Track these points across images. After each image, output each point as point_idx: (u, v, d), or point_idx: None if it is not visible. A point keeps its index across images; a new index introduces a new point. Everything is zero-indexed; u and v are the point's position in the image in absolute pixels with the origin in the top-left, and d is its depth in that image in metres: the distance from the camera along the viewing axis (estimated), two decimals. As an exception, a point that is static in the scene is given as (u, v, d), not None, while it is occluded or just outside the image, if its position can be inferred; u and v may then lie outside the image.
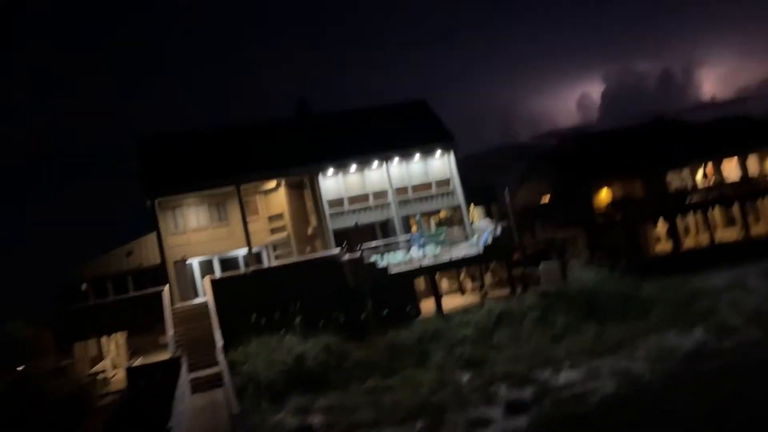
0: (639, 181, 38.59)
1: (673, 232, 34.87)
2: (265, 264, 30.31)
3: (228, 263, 30.06)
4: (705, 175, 39.52)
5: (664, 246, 37.73)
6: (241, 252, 29.46)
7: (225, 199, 30.02)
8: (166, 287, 25.50)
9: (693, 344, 19.00)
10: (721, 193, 36.60)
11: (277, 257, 30.82)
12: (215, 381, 20.19)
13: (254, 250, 28.60)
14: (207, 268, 29.87)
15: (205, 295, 25.80)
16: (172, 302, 25.57)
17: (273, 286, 24.48)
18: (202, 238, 29.88)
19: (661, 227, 38.74)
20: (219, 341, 21.95)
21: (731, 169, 40.53)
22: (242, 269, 28.69)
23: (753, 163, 40.76)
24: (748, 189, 36.92)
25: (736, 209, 37.16)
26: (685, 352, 18.50)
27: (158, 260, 28.01)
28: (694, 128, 45.03)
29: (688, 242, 37.81)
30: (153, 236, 28.47)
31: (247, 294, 24.10)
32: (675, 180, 40.24)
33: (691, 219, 39.49)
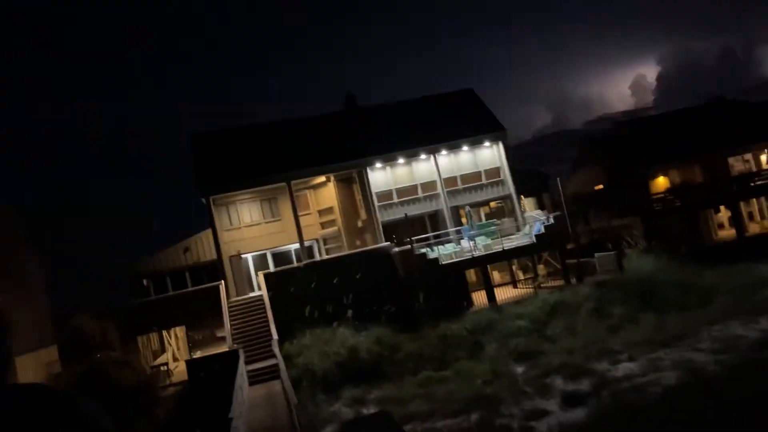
0: (698, 165, 37.12)
1: (736, 218, 33.43)
2: (317, 257, 30.72)
3: (281, 257, 30.61)
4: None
5: (726, 232, 36.26)
6: (294, 246, 29.93)
7: (276, 195, 30.55)
8: (223, 282, 26.19)
9: (759, 334, 18.20)
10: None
11: (328, 251, 31.17)
12: (272, 373, 20.64)
13: (306, 244, 29.02)
14: (261, 262, 30.49)
15: (260, 289, 26.36)
16: (228, 296, 26.24)
17: (325, 279, 24.80)
18: (256, 234, 30.51)
19: (723, 213, 37.23)
20: (274, 334, 22.44)
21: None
22: (295, 263, 29.16)
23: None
24: (817, 171, 35.03)
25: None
26: (751, 342, 17.74)
27: (214, 256, 28.79)
28: (758, 108, 42.93)
29: (753, 228, 36.19)
30: (208, 232, 29.29)
31: (301, 287, 24.51)
32: (737, 163, 38.55)
33: (755, 204, 37.77)
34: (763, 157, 38.02)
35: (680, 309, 21.85)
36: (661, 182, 37.15)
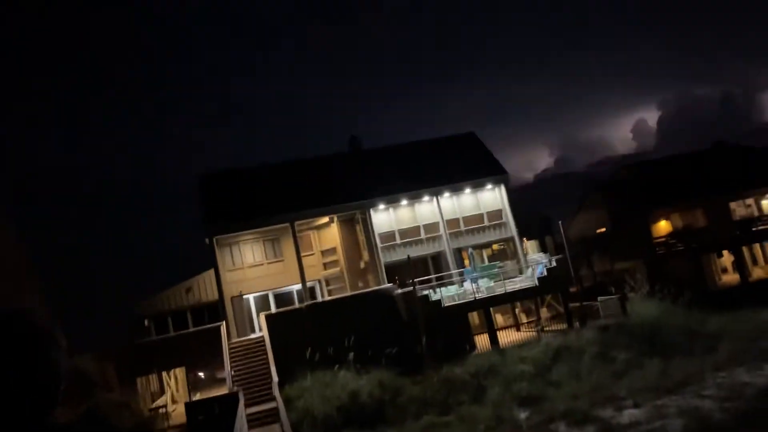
0: (700, 209, 37.25)
1: (739, 263, 33.37)
2: (319, 298, 30.65)
3: (283, 298, 30.55)
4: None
5: (730, 277, 36.11)
6: (296, 287, 29.90)
7: (279, 235, 30.70)
8: (224, 323, 26.09)
9: (765, 381, 17.97)
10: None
11: (330, 292, 31.12)
12: (272, 416, 20.39)
13: (308, 284, 29.01)
14: (263, 303, 30.43)
15: (261, 331, 26.22)
16: (229, 337, 26.10)
17: (327, 321, 24.70)
18: (258, 274, 30.54)
19: (727, 258, 37.15)
20: (275, 376, 22.23)
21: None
22: (297, 304, 29.09)
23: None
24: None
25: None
26: (757, 390, 17.51)
27: (216, 296, 28.75)
28: (759, 153, 43.33)
29: (757, 272, 36.07)
30: (211, 273, 29.31)
31: (302, 329, 24.39)
32: (739, 208, 38.67)
33: (758, 249, 37.74)
34: (764, 202, 38.17)
35: (685, 355, 21.64)
36: (664, 226, 37.24)
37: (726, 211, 37.47)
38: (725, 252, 36.18)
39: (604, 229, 40.41)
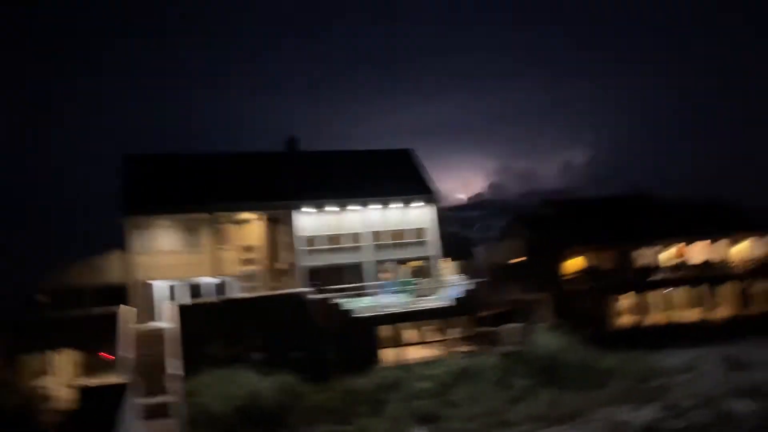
0: (608, 253, 39.37)
1: (636, 307, 35.47)
2: (232, 294, 29.97)
3: (194, 290, 29.66)
4: (673, 255, 40.53)
5: (627, 319, 38.28)
6: (208, 280, 29.12)
7: (199, 225, 29.85)
8: (126, 307, 25.03)
9: (645, 420, 19.14)
10: (686, 274, 37.51)
11: (244, 289, 30.51)
12: (165, 409, 19.72)
13: (222, 279, 28.34)
14: (172, 292, 29.42)
15: (166, 320, 25.34)
16: (131, 323, 25.08)
17: (236, 318, 24.22)
18: (171, 262, 29.51)
19: (626, 300, 39.39)
20: (174, 368, 21.54)
21: (698, 251, 41.67)
22: (207, 297, 28.36)
23: (718, 249, 41.97)
24: (711, 273, 37.92)
25: (698, 291, 38.05)
26: (637, 428, 18.61)
27: (122, 279, 27.54)
28: (670, 206, 46.32)
29: (651, 318, 38.45)
30: (120, 254, 28.06)
31: (212, 323, 23.78)
32: (644, 255, 41.12)
33: (656, 295, 40.25)
34: (662, 256, 40.84)
35: (577, 388, 22.70)
36: (574, 264, 39.07)
37: (629, 258, 39.81)
38: (625, 295, 38.35)
39: (520, 259, 41.91)
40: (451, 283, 29.35)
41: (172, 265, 29.54)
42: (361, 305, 26.28)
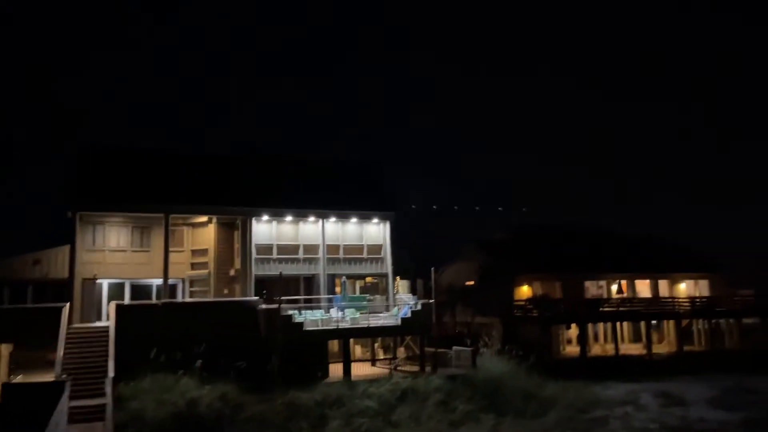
0: (559, 282, 40.18)
1: (582, 338, 36.16)
2: (179, 298, 29.35)
3: (140, 290, 28.94)
4: (620, 289, 41.63)
5: (572, 349, 39.00)
6: (157, 281, 28.44)
7: (151, 225, 29.21)
8: (68, 304, 24.21)
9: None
10: (632, 308, 38.53)
11: (192, 293, 29.92)
12: (99, 413, 19.07)
13: (170, 281, 27.70)
14: (117, 291, 28.64)
15: (108, 320, 24.60)
16: (71, 321, 24.26)
17: (181, 323, 23.66)
18: (119, 260, 28.77)
19: (573, 330, 40.15)
20: (111, 371, 20.89)
21: (644, 286, 42.94)
22: (153, 299, 27.68)
23: (665, 286, 43.35)
24: (656, 308, 39.06)
25: (642, 326, 39.12)
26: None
27: (66, 274, 26.66)
28: (619, 240, 47.64)
29: (596, 349, 39.27)
30: (66, 249, 27.18)
31: (153, 327, 23.14)
32: (592, 287, 42.13)
33: (601, 327, 41.19)
34: (613, 287, 41.91)
35: (518, 415, 22.95)
36: (525, 291, 39.69)
37: (581, 288, 40.69)
38: (573, 325, 39.11)
39: (472, 282, 42.35)
40: (402, 302, 29.39)
41: (120, 264, 28.81)
42: (312, 318, 26.06)
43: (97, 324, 25.51)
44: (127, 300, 28.08)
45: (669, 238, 49.78)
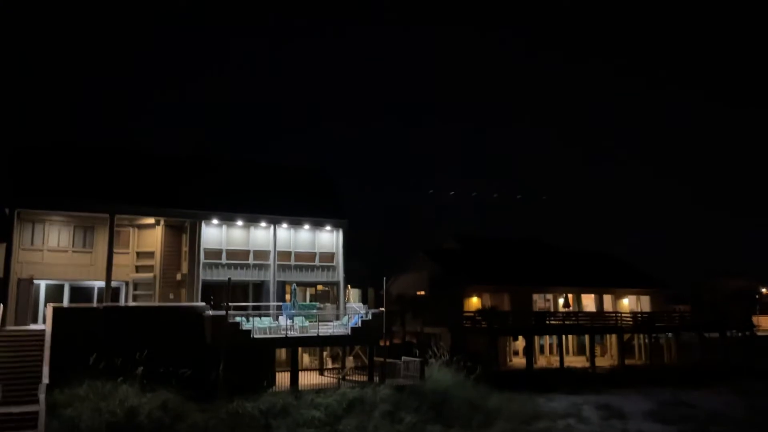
0: (507, 294, 40.79)
1: (529, 350, 36.77)
2: (122, 302, 28.36)
3: (80, 293, 27.83)
4: (566, 302, 42.57)
5: (519, 360, 39.62)
6: (99, 284, 27.41)
7: (95, 224, 28.16)
8: (1, 306, 23.06)
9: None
10: (577, 322, 39.44)
11: (136, 297, 28.95)
12: (30, 421, 18.20)
13: (113, 284, 26.71)
14: (56, 293, 27.45)
15: (45, 323, 23.51)
16: (5, 324, 23.11)
17: (123, 328, 22.84)
18: (59, 261, 27.58)
19: (520, 342, 40.80)
20: (45, 377, 19.97)
21: (590, 300, 44.08)
22: (94, 303, 26.66)
23: (609, 300, 44.60)
24: (601, 323, 40.12)
25: (586, 339, 40.10)
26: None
27: (3, 275, 25.38)
28: (563, 254, 48.77)
29: (541, 361, 40.00)
30: (2, 247, 25.87)
31: (92, 331, 22.25)
32: (540, 300, 42.95)
33: (547, 340, 42.01)
34: (560, 300, 42.80)
35: (464, 426, 23.08)
36: (474, 302, 40.10)
37: (529, 301, 41.41)
38: (520, 337, 39.74)
39: (423, 292, 42.54)
40: (352, 311, 29.20)
41: (60, 264, 27.61)
42: (260, 326, 25.58)
43: (33, 327, 24.35)
44: (65, 303, 26.95)
45: (614, 254, 51.33)
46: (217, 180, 30.62)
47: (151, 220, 28.98)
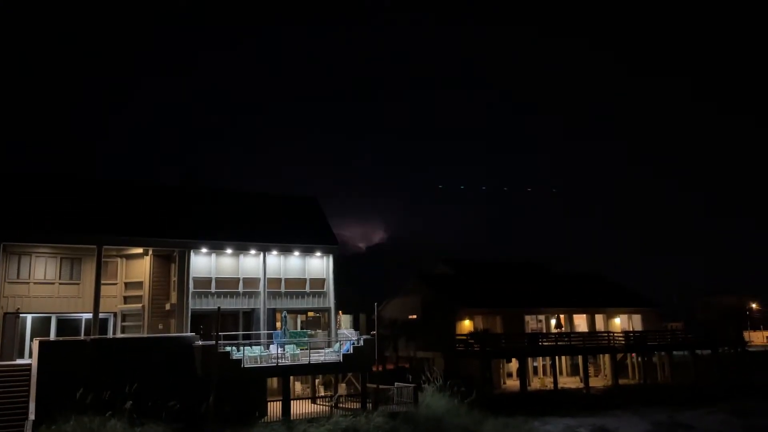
0: (499, 316, 40.67)
1: (522, 372, 36.53)
2: (110, 334, 27.96)
3: (68, 325, 27.39)
4: (559, 324, 42.49)
5: (512, 382, 39.35)
6: (86, 316, 27.01)
7: (82, 255, 27.87)
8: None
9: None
10: (570, 342, 39.31)
11: (124, 328, 28.56)
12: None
13: (101, 316, 26.35)
14: (43, 326, 27.00)
15: (31, 358, 23.09)
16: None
17: (111, 361, 22.45)
18: (46, 293, 27.21)
19: (513, 364, 40.57)
20: (32, 414, 19.57)
21: (582, 321, 44.02)
22: (82, 335, 26.26)
23: (600, 320, 44.57)
24: (593, 343, 40.01)
25: (580, 360, 39.93)
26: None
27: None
28: (554, 275, 48.84)
29: (535, 383, 39.74)
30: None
31: (80, 365, 21.83)
32: (532, 322, 42.84)
33: (540, 361, 41.79)
34: (552, 321, 42.73)
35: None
36: (467, 325, 39.92)
37: (521, 322, 41.29)
38: (513, 359, 39.53)
39: (415, 316, 42.32)
40: (344, 338, 28.94)
41: (46, 297, 27.25)
42: (251, 355, 25.25)
43: (19, 362, 23.92)
44: (52, 336, 26.52)
45: (605, 274, 51.46)
46: (206, 208, 30.52)
47: (139, 250, 28.73)
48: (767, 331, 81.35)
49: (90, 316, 25.98)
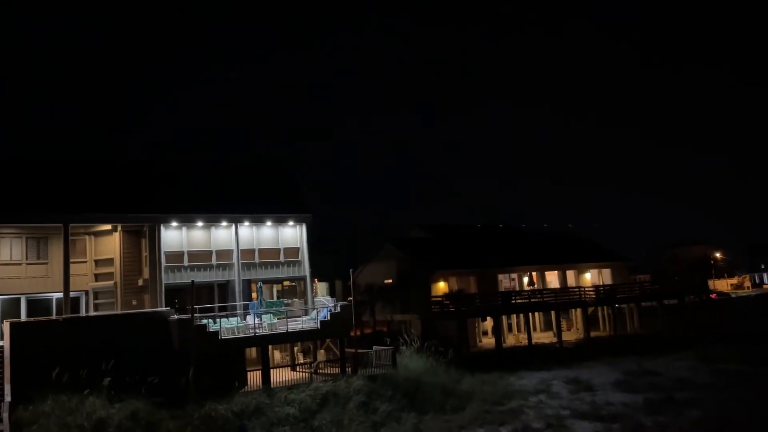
0: (473, 276, 41.29)
1: (497, 330, 37.35)
2: (83, 312, 27.63)
3: (38, 305, 26.97)
4: (531, 281, 43.35)
5: (488, 341, 40.25)
6: (57, 295, 26.61)
7: (48, 234, 27.29)
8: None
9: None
10: (542, 299, 40.20)
11: (97, 306, 28.25)
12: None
13: (72, 295, 25.98)
14: (12, 307, 26.52)
15: (2, 340, 22.74)
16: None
17: (86, 339, 22.23)
18: (12, 274, 26.67)
19: (488, 322, 41.45)
20: (7, 395, 19.37)
21: (553, 277, 44.97)
22: (54, 315, 25.90)
23: (572, 276, 45.58)
24: (565, 298, 40.97)
25: (552, 315, 40.94)
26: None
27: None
28: (531, 236, 49.62)
29: (510, 339, 40.72)
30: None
31: (54, 345, 21.58)
32: (505, 280, 43.62)
33: (514, 318, 42.75)
34: (525, 279, 43.56)
35: (438, 411, 23.34)
36: (442, 287, 40.47)
37: (495, 282, 42.00)
38: (488, 317, 40.34)
39: (391, 281, 42.69)
40: (321, 305, 29.10)
41: (13, 278, 26.72)
42: (228, 326, 25.24)
43: (-10, 345, 23.52)
44: (23, 317, 26.11)
45: (574, 230, 52.45)
46: (175, 182, 30.00)
47: (108, 227, 28.24)
48: (732, 279, 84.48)
49: (60, 295, 25.58)
